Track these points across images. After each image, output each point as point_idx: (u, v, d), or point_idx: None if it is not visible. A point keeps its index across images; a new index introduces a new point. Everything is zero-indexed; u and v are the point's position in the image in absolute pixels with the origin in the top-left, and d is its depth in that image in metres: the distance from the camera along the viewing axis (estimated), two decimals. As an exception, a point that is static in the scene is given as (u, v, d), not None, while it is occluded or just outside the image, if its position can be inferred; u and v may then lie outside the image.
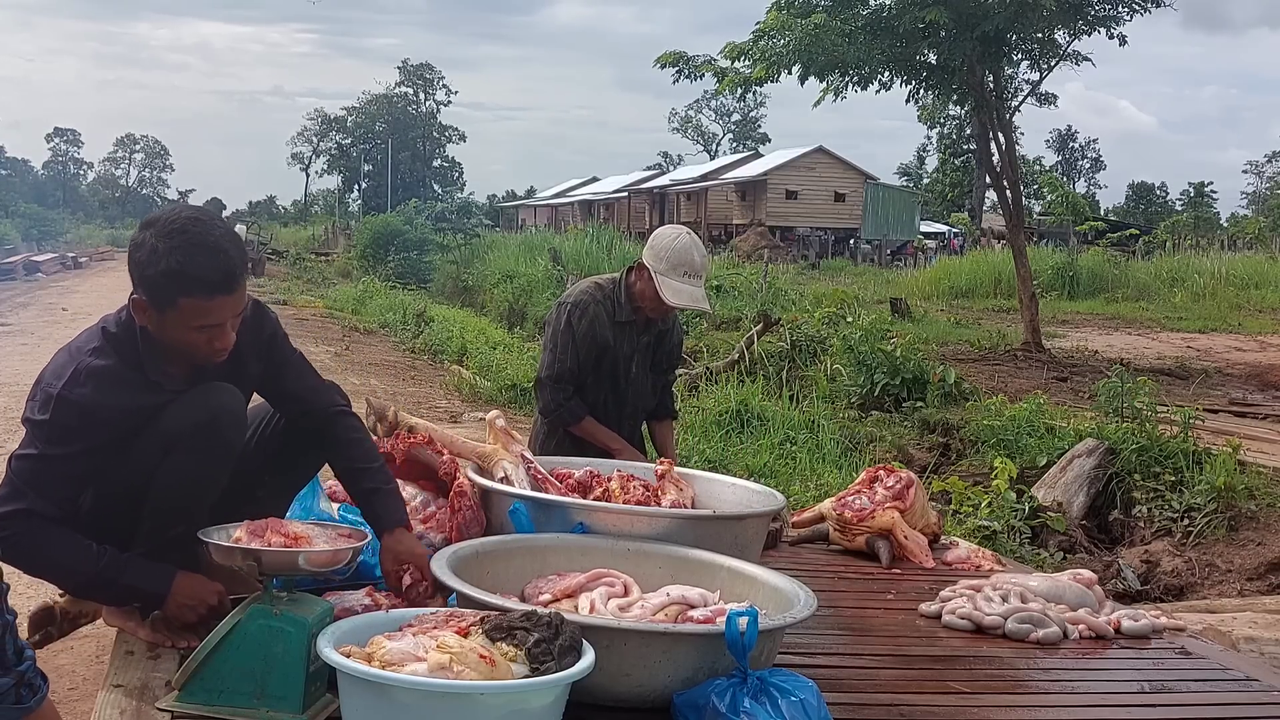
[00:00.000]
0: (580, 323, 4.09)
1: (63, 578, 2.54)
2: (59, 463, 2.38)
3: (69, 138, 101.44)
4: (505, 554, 2.75)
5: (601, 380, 4.17)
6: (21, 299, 20.05)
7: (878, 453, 8.38)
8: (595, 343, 4.10)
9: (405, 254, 27.59)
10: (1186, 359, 13.89)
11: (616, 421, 4.20)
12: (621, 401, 4.22)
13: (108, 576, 2.43)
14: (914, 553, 3.88)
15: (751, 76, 14.27)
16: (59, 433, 2.38)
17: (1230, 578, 6.04)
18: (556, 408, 4.13)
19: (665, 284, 3.97)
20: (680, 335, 4.47)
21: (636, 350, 4.21)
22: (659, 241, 4.06)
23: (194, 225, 2.43)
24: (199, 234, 2.41)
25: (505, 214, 70.75)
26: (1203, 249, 30.52)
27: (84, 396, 2.39)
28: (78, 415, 2.39)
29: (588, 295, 4.14)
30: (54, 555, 2.39)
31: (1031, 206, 39.04)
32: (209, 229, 2.43)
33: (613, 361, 4.16)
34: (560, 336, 4.11)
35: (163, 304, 2.43)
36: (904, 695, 2.62)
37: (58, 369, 2.45)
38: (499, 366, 11.86)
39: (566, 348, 4.09)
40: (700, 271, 4.04)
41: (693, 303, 4.02)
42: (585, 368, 4.12)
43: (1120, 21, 14.03)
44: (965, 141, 58.77)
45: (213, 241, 2.41)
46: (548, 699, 1.95)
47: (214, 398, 2.53)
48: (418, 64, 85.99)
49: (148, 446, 2.47)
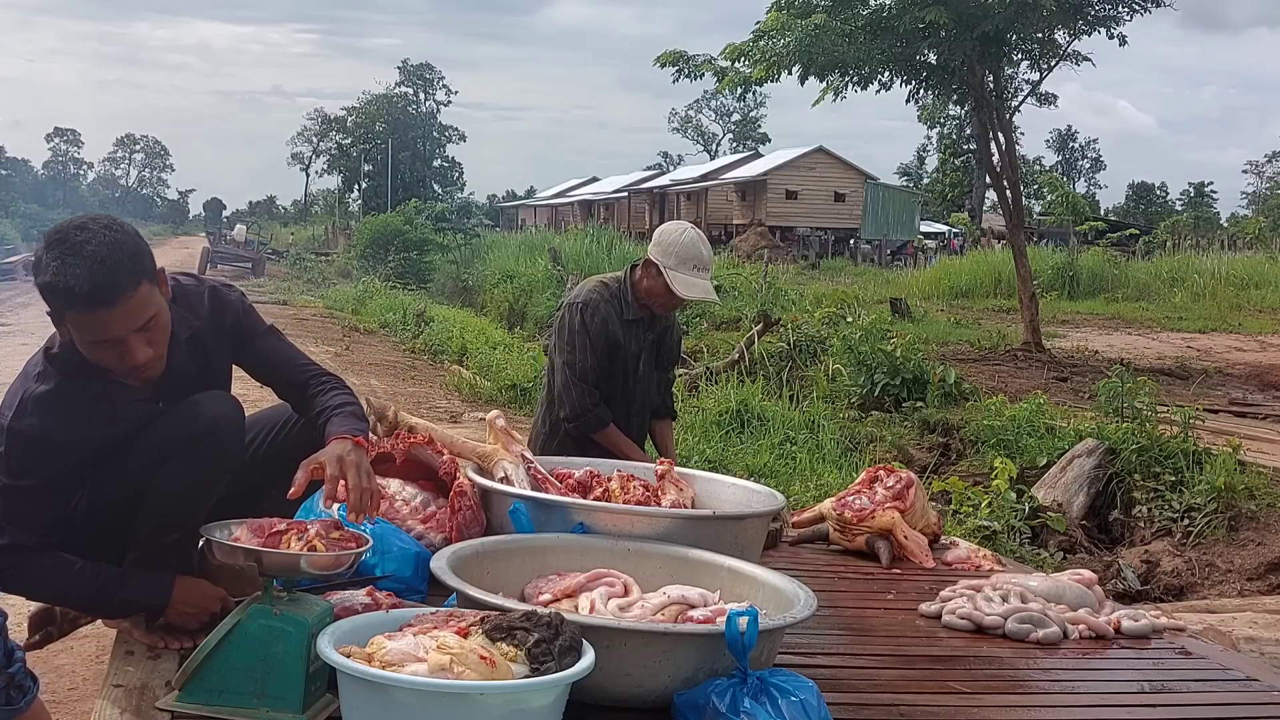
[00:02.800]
0: (593, 321, 4.05)
1: (61, 600, 2.52)
2: (24, 494, 2.34)
3: (69, 138, 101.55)
4: (505, 554, 2.75)
5: (612, 379, 4.14)
6: (21, 299, 20.04)
7: (878, 453, 8.38)
8: (608, 341, 4.07)
9: (405, 254, 27.59)
10: (1186, 359, 13.89)
11: (625, 421, 4.18)
12: (630, 400, 4.20)
13: (106, 594, 2.41)
14: (914, 553, 3.88)
15: (751, 76, 14.28)
16: (16, 466, 2.34)
17: (1230, 578, 6.04)
18: (584, 412, 4.03)
19: (676, 278, 3.98)
20: (679, 333, 4.49)
21: (643, 348, 4.21)
22: (666, 237, 4.05)
23: (77, 233, 2.23)
24: (79, 242, 2.21)
25: (505, 214, 70.79)
26: (1203, 249, 30.52)
27: (32, 427, 2.33)
28: (25, 446, 2.33)
29: (596, 294, 4.11)
30: (48, 582, 2.38)
31: (1031, 206, 39.03)
32: (91, 236, 2.23)
33: (623, 360, 4.14)
34: (577, 336, 4.05)
35: (57, 319, 2.32)
36: (904, 695, 2.61)
37: (9, 397, 2.39)
38: (499, 366, 11.87)
39: (584, 347, 4.03)
40: (709, 264, 4.07)
41: (704, 295, 4.05)
42: (600, 367, 4.08)
43: (1120, 21, 14.05)
44: (965, 141, 58.78)
45: (91, 251, 2.20)
46: (548, 699, 1.95)
47: (214, 407, 2.51)
48: (418, 64, 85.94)
49: (145, 453, 2.45)
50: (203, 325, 2.60)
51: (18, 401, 2.36)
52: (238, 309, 2.69)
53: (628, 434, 4.16)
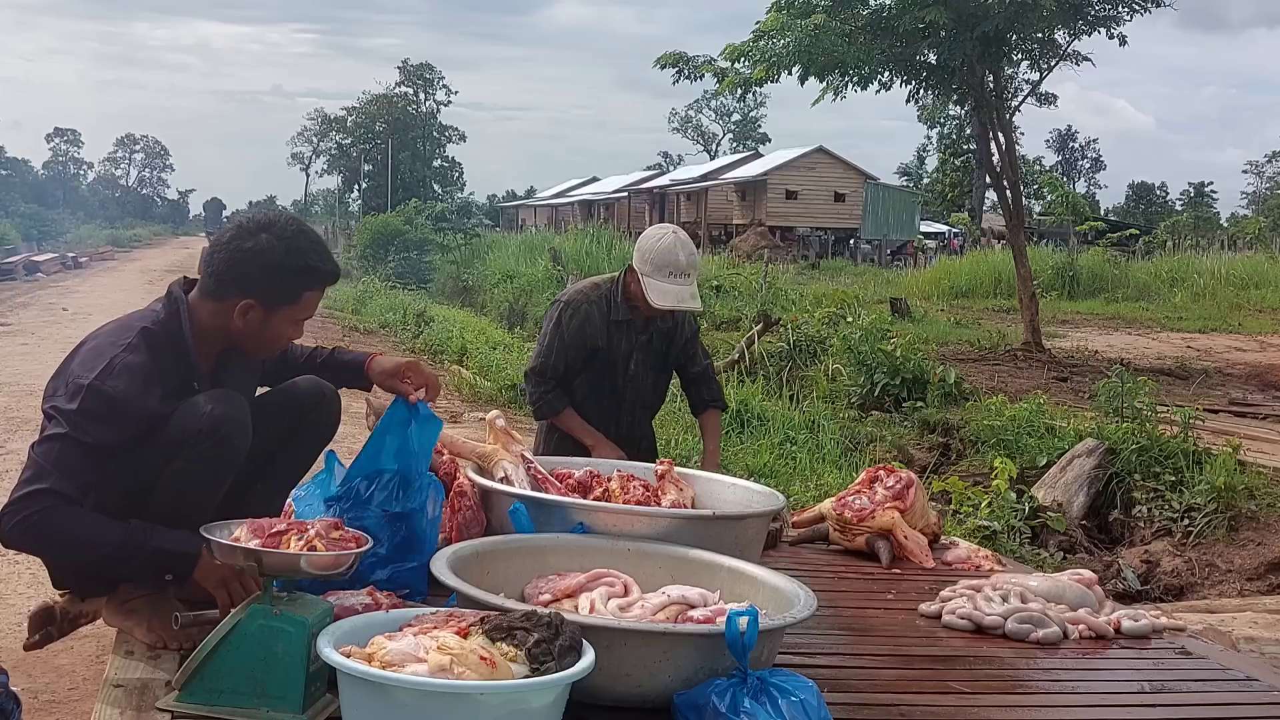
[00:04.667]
0: (571, 321, 4.15)
1: (86, 553, 2.47)
2: (82, 450, 2.38)
3: (69, 138, 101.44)
4: (505, 554, 2.75)
5: (598, 378, 4.22)
6: (21, 299, 20.05)
7: (878, 453, 8.38)
8: (585, 342, 4.16)
9: (405, 254, 27.60)
10: (1186, 359, 13.89)
11: (615, 417, 4.25)
12: (619, 398, 4.27)
13: (135, 543, 2.41)
14: (914, 553, 3.88)
15: (751, 77, 14.27)
16: (86, 422, 2.38)
17: (1230, 578, 6.04)
18: (538, 400, 4.24)
19: (650, 286, 4.00)
20: (693, 329, 4.46)
21: (635, 348, 4.23)
22: (644, 244, 4.08)
23: (304, 227, 2.65)
24: (313, 235, 2.64)
25: (505, 214, 70.78)
26: (1203, 249, 30.52)
27: (115, 389, 2.41)
28: (107, 406, 2.40)
29: (581, 295, 4.22)
30: (76, 531, 2.37)
31: (1031, 206, 38.94)
32: (302, 228, 2.64)
33: (608, 360, 4.20)
34: (550, 334, 4.20)
35: (286, 299, 2.60)
36: (904, 695, 2.61)
37: (88, 361, 2.46)
38: (499, 366, 11.87)
39: (554, 345, 4.18)
40: (687, 270, 4.01)
41: (678, 303, 4.00)
42: (574, 365, 4.18)
43: (1120, 21, 14.05)
44: (965, 141, 58.67)
45: (321, 240, 2.65)
46: (548, 699, 1.95)
47: (221, 406, 2.52)
48: (418, 64, 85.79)
49: (152, 452, 2.47)
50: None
51: (104, 363, 2.43)
52: None
53: (618, 430, 4.22)
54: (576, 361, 4.18)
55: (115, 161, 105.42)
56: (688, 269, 4.01)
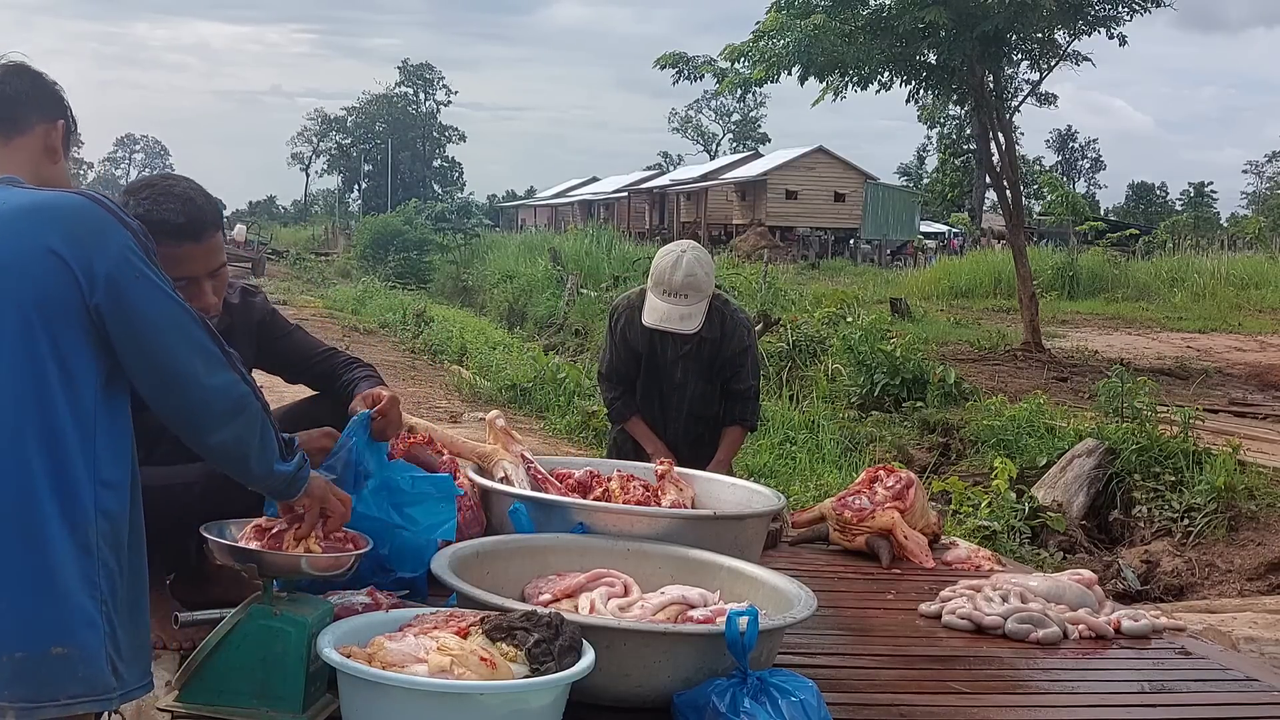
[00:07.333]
0: (618, 326, 4.26)
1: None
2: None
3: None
4: (505, 554, 2.75)
5: (649, 383, 4.27)
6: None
7: (878, 453, 8.39)
8: (629, 346, 4.23)
9: (405, 254, 27.61)
10: (1186, 359, 13.88)
11: (663, 423, 4.28)
12: (666, 405, 4.28)
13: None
14: (914, 553, 3.88)
15: (751, 77, 14.27)
16: None
17: (1230, 578, 6.04)
18: (610, 405, 4.37)
19: (646, 301, 4.03)
20: (744, 344, 4.25)
21: (681, 356, 4.18)
22: (655, 257, 4.12)
23: (163, 180, 2.49)
24: (166, 186, 2.46)
25: (505, 214, 70.69)
26: (1203, 249, 30.47)
27: None
28: None
29: (626, 300, 4.32)
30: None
31: (1031, 206, 38.95)
32: (176, 182, 2.48)
33: (655, 366, 4.23)
34: (607, 338, 4.36)
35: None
36: (904, 695, 2.61)
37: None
38: (499, 366, 11.88)
39: (610, 348, 4.32)
40: (682, 290, 3.92)
41: (661, 321, 3.95)
42: (631, 369, 4.26)
43: (1120, 21, 14.04)
44: (965, 141, 58.65)
45: (179, 191, 2.43)
46: (548, 699, 1.95)
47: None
48: (418, 64, 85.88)
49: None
50: (233, 320, 2.67)
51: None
52: (264, 310, 2.82)
53: (664, 437, 4.20)
54: (631, 365, 4.24)
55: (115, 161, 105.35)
56: (683, 289, 3.92)
